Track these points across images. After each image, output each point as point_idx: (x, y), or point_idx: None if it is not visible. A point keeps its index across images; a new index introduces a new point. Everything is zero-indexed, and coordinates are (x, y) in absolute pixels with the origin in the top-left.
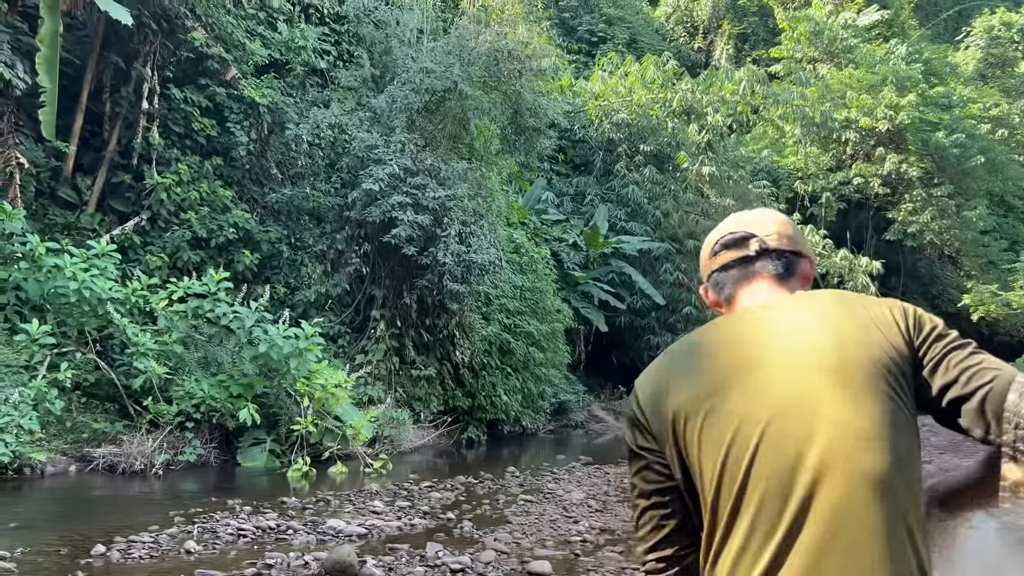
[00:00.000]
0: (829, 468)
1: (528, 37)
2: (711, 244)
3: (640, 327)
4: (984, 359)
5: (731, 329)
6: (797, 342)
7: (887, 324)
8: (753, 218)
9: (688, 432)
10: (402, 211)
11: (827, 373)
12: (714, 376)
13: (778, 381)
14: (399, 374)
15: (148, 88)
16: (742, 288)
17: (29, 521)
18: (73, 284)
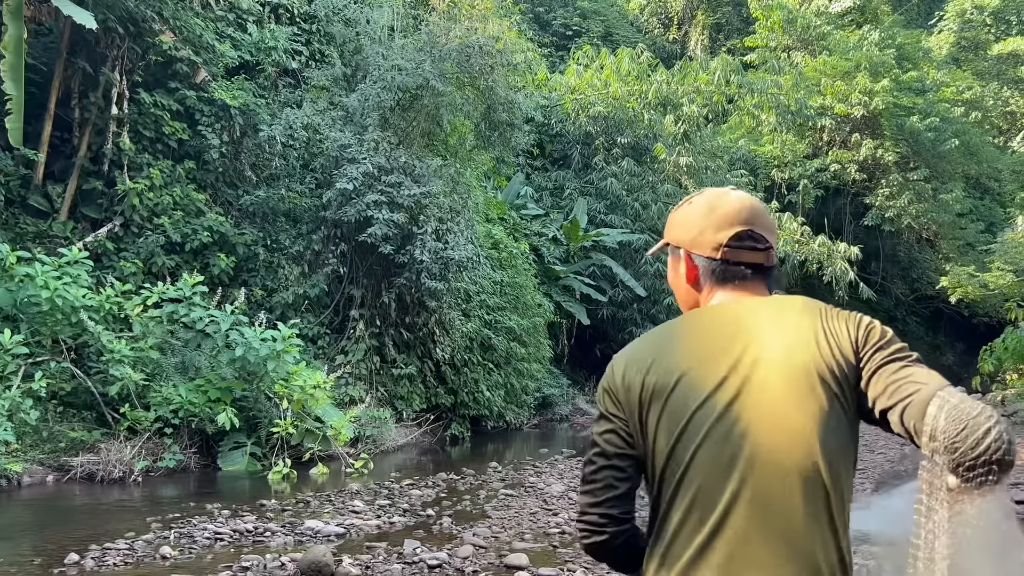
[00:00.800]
0: (760, 462)
1: (499, 32)
2: (723, 224)
3: (623, 319)
4: (912, 372)
5: (710, 323)
6: (761, 343)
7: (839, 334)
8: (760, 213)
9: (652, 409)
10: (377, 210)
11: (777, 377)
12: (683, 362)
13: (734, 380)
14: (380, 373)
15: (117, 93)
16: (743, 283)
17: (3, 532)
18: (45, 293)
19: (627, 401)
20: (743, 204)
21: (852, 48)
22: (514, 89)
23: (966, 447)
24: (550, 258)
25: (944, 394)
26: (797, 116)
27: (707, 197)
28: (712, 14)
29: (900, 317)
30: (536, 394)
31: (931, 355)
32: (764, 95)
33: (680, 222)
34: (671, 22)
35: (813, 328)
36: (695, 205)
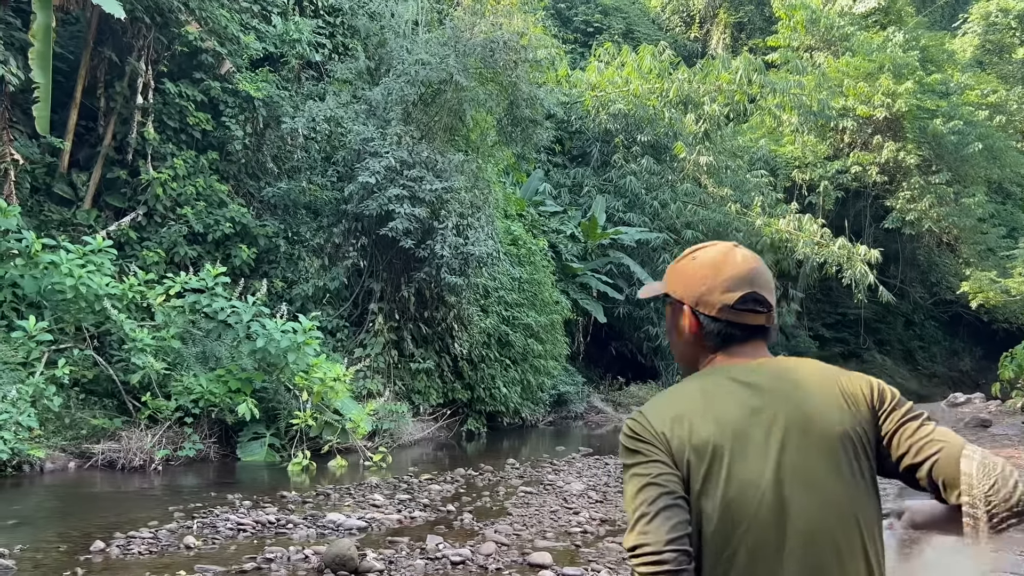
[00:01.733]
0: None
1: (523, 27)
2: (729, 286)
3: (639, 318)
4: (931, 432)
5: (739, 386)
6: (791, 409)
7: (858, 398)
8: (763, 276)
9: (697, 470)
10: (399, 204)
11: (815, 450)
12: (724, 429)
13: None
14: (398, 367)
15: (142, 83)
16: (743, 347)
17: (28, 518)
18: (70, 280)
19: (670, 452)
20: (749, 266)
21: (876, 49)
22: (536, 85)
23: (999, 499)
24: (568, 255)
25: (969, 452)
26: (819, 117)
27: (713, 255)
28: (734, 13)
29: (918, 321)
30: (552, 391)
31: (949, 360)
32: (786, 95)
33: (684, 277)
34: (693, 20)
35: (835, 394)
36: (700, 262)
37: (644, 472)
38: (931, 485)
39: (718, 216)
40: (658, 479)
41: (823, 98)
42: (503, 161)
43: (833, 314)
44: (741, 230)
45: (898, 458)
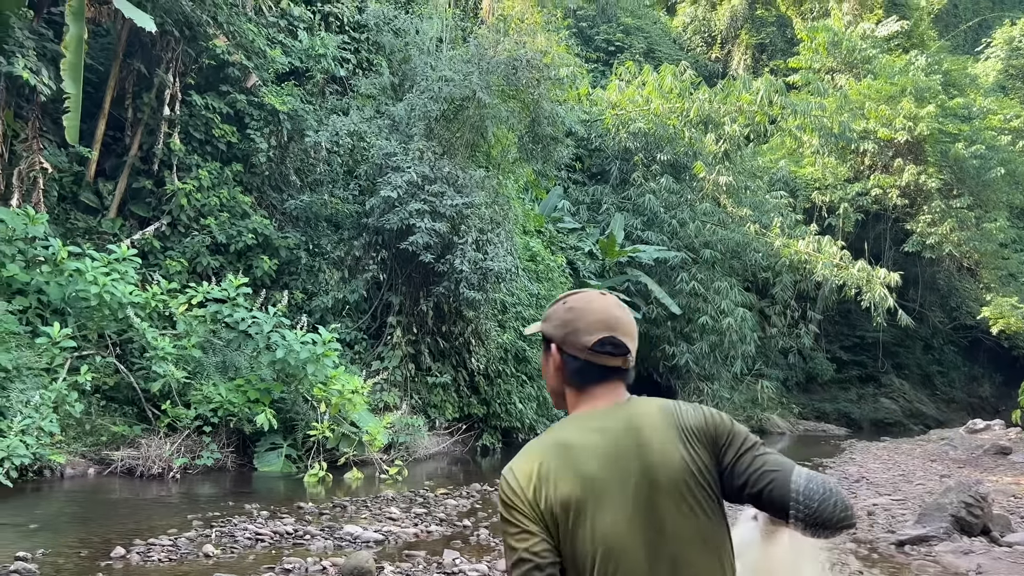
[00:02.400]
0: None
1: (546, 46)
2: (588, 329)
3: (656, 336)
4: (766, 463)
5: (592, 438)
6: (641, 457)
7: (697, 434)
8: (623, 321)
9: (568, 522)
10: (419, 218)
11: (653, 491)
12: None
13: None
14: (415, 380)
15: (170, 94)
16: (600, 385)
17: (49, 523)
18: (94, 288)
19: (540, 514)
20: (609, 312)
21: (898, 73)
22: (557, 103)
23: (820, 513)
24: (585, 272)
25: (796, 476)
26: (840, 139)
27: (580, 301)
28: (756, 34)
29: (937, 346)
30: None
31: (968, 386)
32: (807, 117)
33: (555, 319)
34: (714, 41)
35: (674, 436)
36: (568, 306)
37: (517, 544)
38: (769, 509)
39: (737, 236)
40: (528, 551)
41: (844, 120)
42: (523, 177)
43: (851, 337)
44: (760, 251)
45: (739, 488)
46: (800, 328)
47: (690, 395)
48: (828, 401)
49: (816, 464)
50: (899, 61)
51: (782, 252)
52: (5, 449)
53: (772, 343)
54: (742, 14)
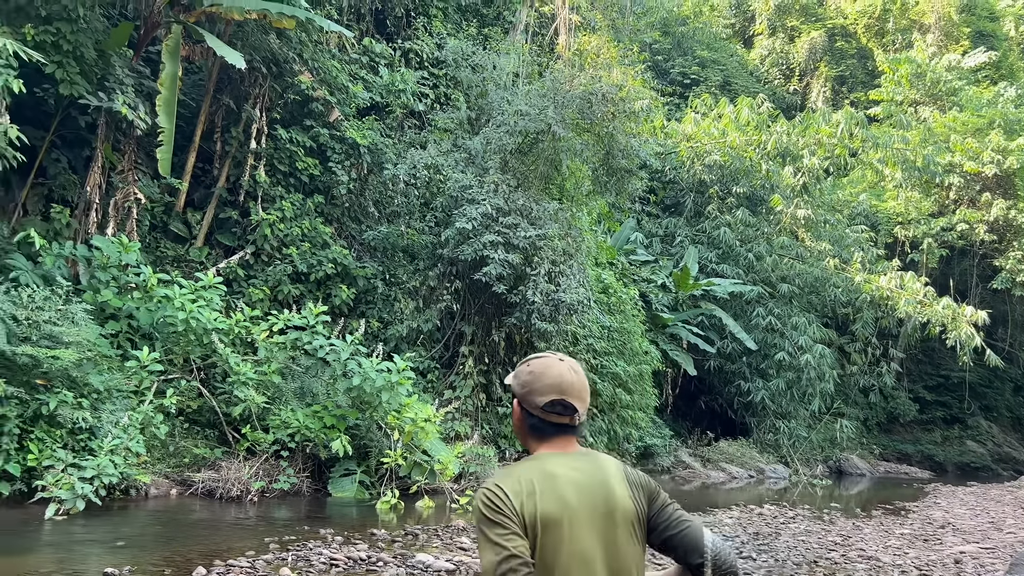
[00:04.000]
0: None
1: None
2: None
3: (730, 372)
4: (680, 513)
5: (570, 471)
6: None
7: (639, 489)
8: (574, 385)
9: (542, 533)
10: (493, 250)
11: (611, 523)
12: (560, 505)
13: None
14: (486, 410)
15: (256, 128)
16: (553, 438)
17: (134, 540)
18: (181, 314)
19: (523, 523)
20: (563, 378)
21: (986, 105)
22: (632, 136)
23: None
24: (658, 305)
25: (707, 531)
26: (923, 173)
27: (539, 364)
28: (835, 66)
29: None
30: (638, 443)
31: None
32: (889, 150)
33: (519, 379)
34: (792, 73)
35: (626, 486)
36: (529, 368)
37: (506, 543)
38: (680, 548)
39: (815, 271)
40: (517, 549)
41: (928, 153)
42: (596, 209)
43: (935, 376)
44: (839, 286)
45: (660, 530)
46: (881, 366)
47: (765, 432)
48: (910, 443)
49: (898, 508)
50: (987, 93)
51: (863, 288)
52: (95, 468)
53: (852, 381)
54: (821, 46)
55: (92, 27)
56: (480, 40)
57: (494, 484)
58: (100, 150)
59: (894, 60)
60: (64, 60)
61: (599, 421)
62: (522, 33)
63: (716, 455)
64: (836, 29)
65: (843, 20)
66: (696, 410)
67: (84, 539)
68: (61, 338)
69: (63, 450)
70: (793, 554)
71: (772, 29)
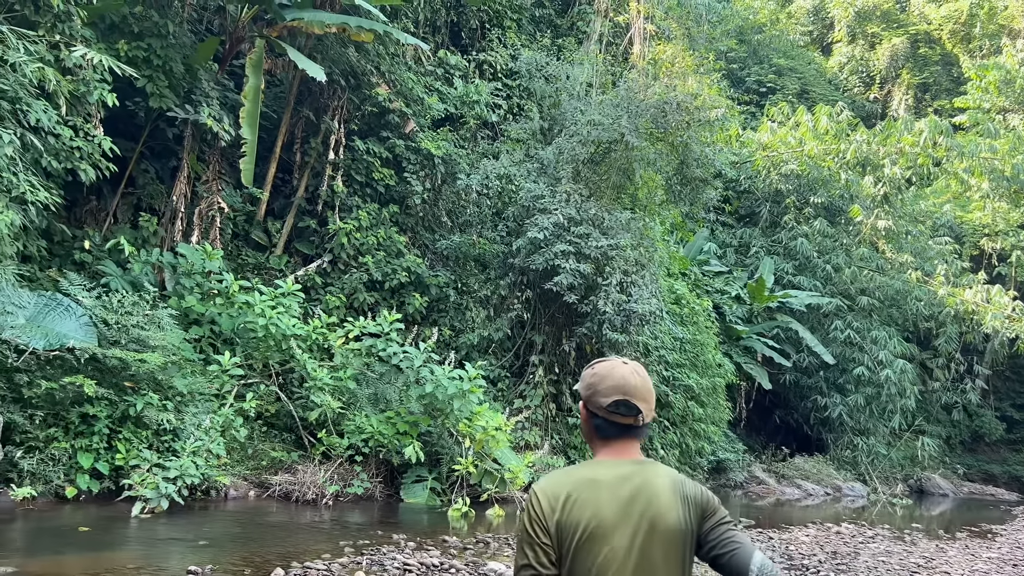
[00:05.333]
0: None
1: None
2: (606, 392)
3: (807, 386)
4: (735, 534)
5: (616, 482)
6: (648, 508)
7: (692, 503)
8: (638, 387)
9: (576, 543)
10: (565, 259)
11: (650, 536)
12: (600, 514)
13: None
14: (555, 420)
15: (335, 140)
16: (617, 440)
17: (215, 540)
18: (261, 320)
19: (556, 531)
20: (626, 380)
21: None
22: (706, 144)
23: None
24: (732, 317)
25: (758, 553)
26: (1013, 182)
27: (604, 367)
28: (918, 73)
29: None
30: (711, 457)
31: None
32: (976, 159)
33: (585, 381)
34: (873, 81)
35: (677, 501)
36: (594, 371)
37: (528, 552)
38: (727, 569)
39: (896, 283)
40: (536, 560)
41: (1018, 163)
42: (669, 219)
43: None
44: (921, 299)
45: (709, 548)
46: (965, 383)
47: (843, 449)
48: (997, 463)
49: (984, 530)
50: None
51: (946, 301)
52: (179, 468)
53: (934, 398)
54: (903, 53)
55: (180, 42)
56: (554, 51)
57: (538, 490)
58: (186, 161)
59: (981, 67)
60: (154, 74)
61: (671, 434)
62: (596, 43)
63: (791, 471)
64: (919, 35)
65: (926, 26)
66: (771, 425)
67: (168, 537)
68: (148, 342)
69: (148, 450)
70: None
71: (852, 36)
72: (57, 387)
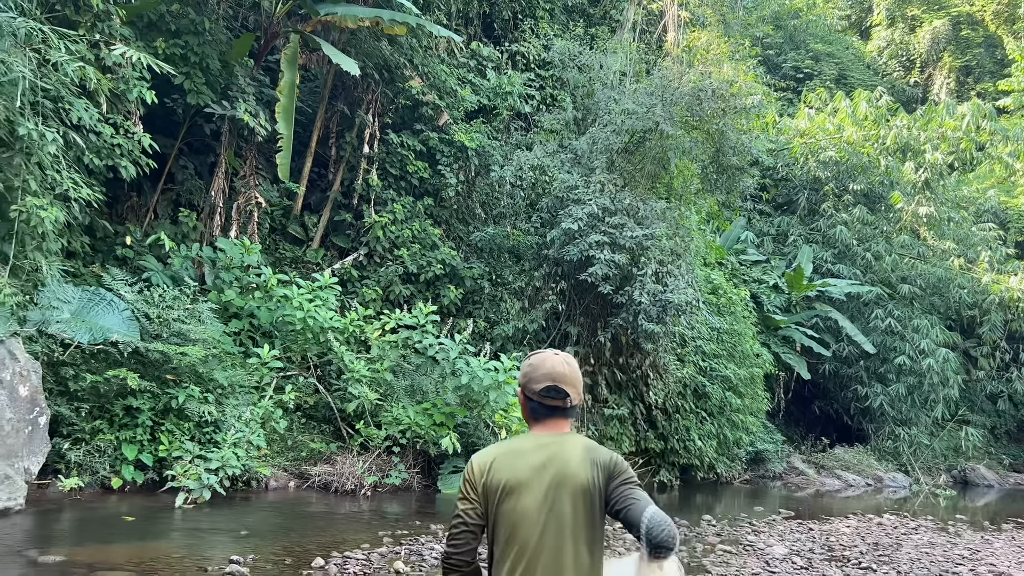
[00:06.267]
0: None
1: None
2: (538, 380)
3: (847, 376)
4: (634, 491)
5: (534, 450)
6: (559, 469)
7: (600, 466)
8: (566, 375)
9: (499, 500)
10: (599, 250)
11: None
12: (519, 474)
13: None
14: (591, 412)
15: (369, 133)
16: (548, 419)
17: (256, 530)
18: (299, 313)
19: (483, 491)
20: (555, 369)
21: None
22: (742, 132)
23: (659, 538)
24: (770, 307)
25: (650, 507)
26: None
27: (538, 358)
28: (960, 56)
29: None
30: (749, 448)
31: None
32: (1021, 143)
33: (523, 370)
34: (913, 64)
35: (588, 463)
36: (530, 361)
37: (460, 506)
38: (626, 523)
39: (939, 271)
40: (464, 513)
41: None
42: (705, 208)
43: None
44: (965, 287)
45: (613, 504)
46: (1011, 372)
47: (884, 439)
48: None
49: None
50: None
51: (991, 289)
52: (220, 459)
53: (978, 387)
54: (945, 36)
55: (217, 39)
56: (587, 40)
57: (473, 459)
58: (224, 156)
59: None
60: (191, 71)
61: (708, 425)
62: (629, 31)
63: (831, 462)
64: (961, 17)
65: (969, 7)
66: (810, 415)
67: (210, 527)
68: (189, 335)
69: (191, 442)
70: (916, 567)
71: (891, 19)
72: (102, 380)
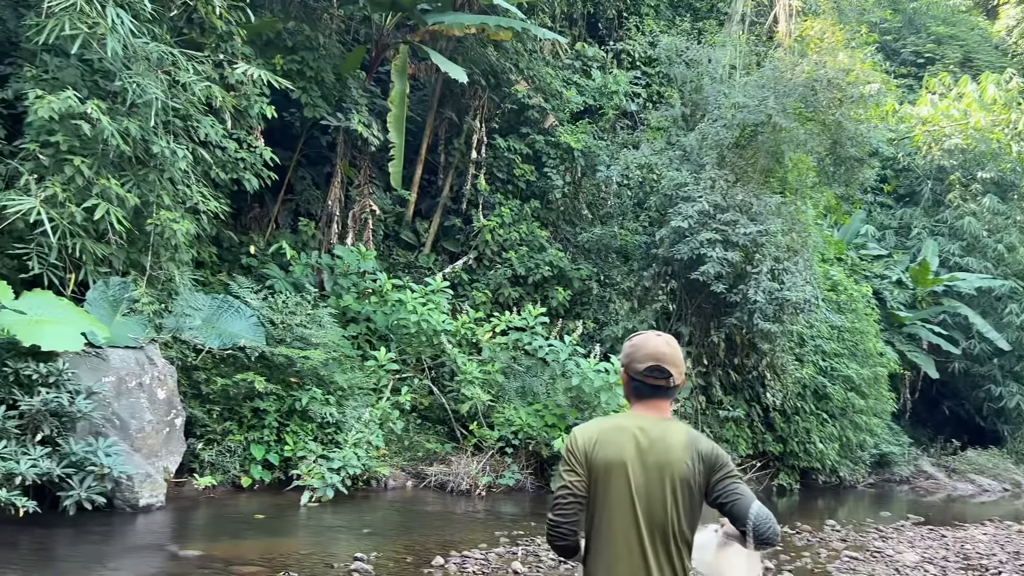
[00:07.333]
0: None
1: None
2: (641, 359)
3: (978, 375)
4: (739, 486)
5: (637, 431)
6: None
7: (703, 457)
8: (668, 355)
9: (602, 476)
10: (711, 248)
11: (659, 476)
12: (622, 454)
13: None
14: (705, 414)
15: (476, 139)
16: (651, 399)
17: (378, 528)
18: (413, 317)
19: (587, 463)
20: (658, 349)
21: None
22: (860, 122)
23: (766, 535)
24: (893, 303)
25: (755, 503)
26: None
27: (640, 339)
28: None
29: None
30: (873, 451)
31: None
32: None
33: (624, 350)
34: None
35: (689, 453)
36: (632, 342)
37: (567, 477)
38: (730, 516)
39: None
40: (572, 483)
41: None
42: (822, 202)
43: None
44: None
45: (716, 497)
46: None
47: (1021, 442)
48: None
49: None
50: None
51: None
52: (342, 459)
53: None
54: None
55: (331, 53)
56: (694, 34)
57: (576, 432)
58: (339, 166)
59: None
60: (308, 85)
61: (829, 427)
62: (738, 23)
63: (963, 465)
64: None
65: None
66: (938, 416)
67: (334, 525)
68: (310, 340)
69: (314, 442)
70: None
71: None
72: (231, 383)
